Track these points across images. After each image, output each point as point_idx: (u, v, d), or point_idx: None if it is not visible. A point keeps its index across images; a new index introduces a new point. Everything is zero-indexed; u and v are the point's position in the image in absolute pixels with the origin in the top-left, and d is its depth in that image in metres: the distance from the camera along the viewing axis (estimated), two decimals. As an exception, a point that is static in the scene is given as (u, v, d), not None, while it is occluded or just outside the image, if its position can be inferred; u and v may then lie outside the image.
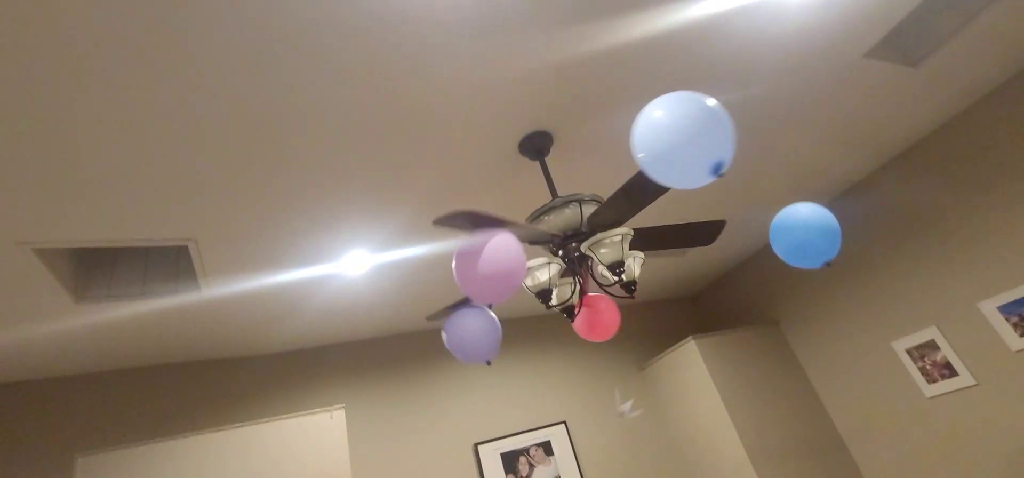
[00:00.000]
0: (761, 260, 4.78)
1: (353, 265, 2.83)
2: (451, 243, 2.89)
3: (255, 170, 1.99)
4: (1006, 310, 3.12)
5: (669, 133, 1.18)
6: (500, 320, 4.45)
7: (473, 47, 1.78)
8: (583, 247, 1.98)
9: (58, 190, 1.81)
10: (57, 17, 1.31)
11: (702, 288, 5.46)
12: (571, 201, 1.97)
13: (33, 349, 2.67)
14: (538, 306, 4.36)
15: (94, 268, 2.44)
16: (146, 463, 2.58)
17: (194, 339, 3.08)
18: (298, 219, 2.33)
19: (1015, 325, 3.08)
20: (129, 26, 1.38)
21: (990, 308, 3.20)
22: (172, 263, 2.61)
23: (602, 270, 2.14)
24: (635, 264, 2.14)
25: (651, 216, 3.36)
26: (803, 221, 1.76)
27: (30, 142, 1.61)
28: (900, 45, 2.64)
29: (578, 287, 2.15)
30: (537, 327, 4.54)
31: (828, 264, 1.67)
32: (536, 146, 2.29)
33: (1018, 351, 3.08)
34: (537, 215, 1.99)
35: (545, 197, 2.78)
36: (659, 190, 1.69)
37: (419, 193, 2.43)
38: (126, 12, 1.35)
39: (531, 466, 3.80)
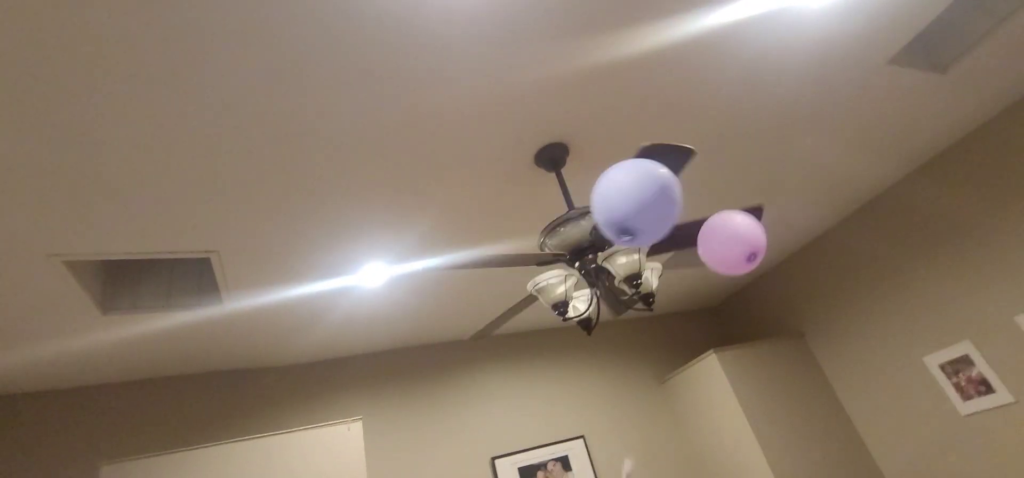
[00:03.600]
0: (786, 269, 4.68)
1: (371, 277, 2.84)
2: (467, 255, 2.89)
3: (275, 183, 2.02)
4: (1045, 324, 3.00)
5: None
6: (518, 332, 4.43)
7: (491, 60, 1.79)
8: (600, 259, 1.96)
9: (87, 204, 1.86)
10: (86, 34, 1.35)
11: (724, 299, 5.36)
12: (587, 212, 1.95)
13: (60, 359, 2.73)
14: (555, 318, 4.32)
15: (120, 281, 2.50)
16: (168, 473, 2.61)
17: (216, 351, 3.13)
18: (317, 231, 2.36)
19: (1055, 340, 2.96)
20: (156, 42, 1.42)
21: (1028, 322, 3.07)
22: (195, 277, 2.65)
23: (619, 283, 2.11)
24: (652, 276, 2.11)
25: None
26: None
27: (61, 157, 1.66)
28: (927, 51, 2.57)
29: (597, 300, 2.13)
30: (555, 340, 4.51)
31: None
32: (552, 157, 2.28)
33: (1059, 367, 2.96)
34: (553, 226, 1.98)
35: (561, 209, 2.77)
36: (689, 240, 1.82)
37: (436, 205, 2.43)
38: (153, 28, 1.38)
39: (549, 481, 3.76)
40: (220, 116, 1.68)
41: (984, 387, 3.29)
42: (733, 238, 1.70)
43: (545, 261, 2.06)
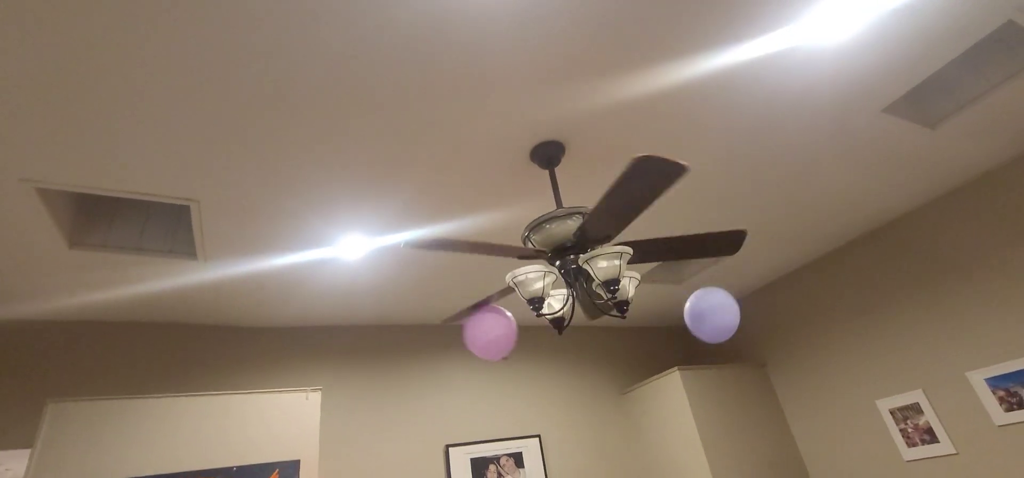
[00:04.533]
0: (756, 300, 4.79)
1: (350, 249, 2.82)
2: (445, 216, 2.89)
3: (266, 142, 1.99)
4: (994, 383, 3.12)
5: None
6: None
7: (502, 52, 1.79)
8: (581, 261, 1.98)
9: (67, 133, 1.81)
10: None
11: (693, 321, 5.44)
12: (574, 213, 1.97)
13: (18, 289, 2.65)
14: (524, 316, 4.34)
15: (93, 216, 2.43)
16: (120, 418, 2.55)
17: (182, 302, 3.07)
18: (301, 197, 2.33)
19: (1001, 399, 3.09)
20: (156, -23, 1.39)
21: (978, 379, 3.20)
22: (171, 225, 2.60)
23: (596, 287, 2.14)
24: (630, 284, 2.13)
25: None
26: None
27: (46, 79, 1.61)
28: (920, 105, 2.65)
29: (572, 300, 2.15)
30: (522, 338, 4.53)
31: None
32: (547, 155, 2.29)
33: (1002, 426, 3.08)
34: (539, 223, 1.99)
35: (549, 205, 2.78)
36: (645, 197, 1.72)
37: (422, 179, 2.42)
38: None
39: (500, 476, 3.78)
40: (218, 64, 1.65)
41: (929, 436, 3.42)
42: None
43: (526, 256, 2.07)
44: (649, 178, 1.62)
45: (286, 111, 1.88)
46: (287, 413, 2.90)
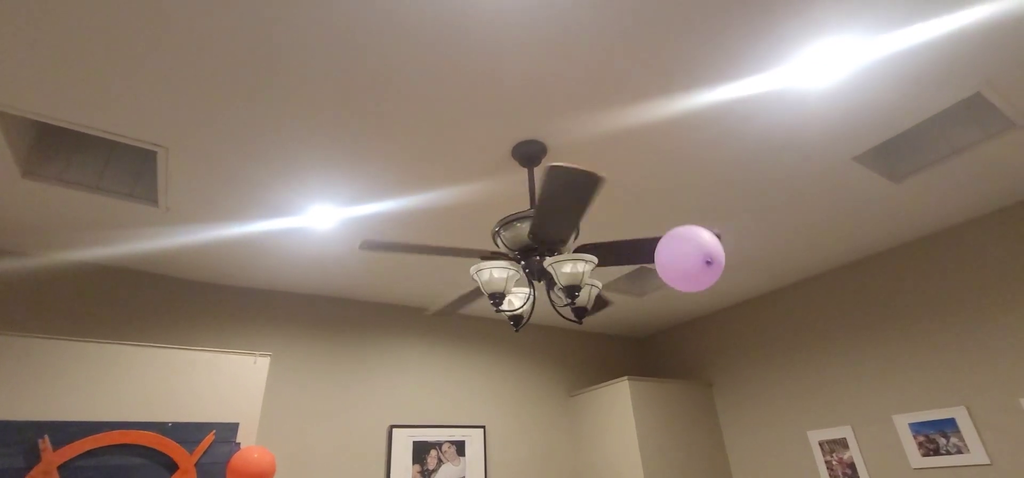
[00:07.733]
0: (709, 322, 4.94)
1: (319, 219, 2.79)
2: (420, 199, 2.89)
3: (241, 101, 1.95)
4: (916, 428, 3.32)
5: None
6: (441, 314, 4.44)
7: (495, 42, 1.80)
8: (545, 263, 2.02)
9: (36, 58, 1.74)
10: None
11: (649, 333, 5.59)
12: (545, 216, 2.00)
13: (-36, 211, 2.53)
14: (478, 308, 4.37)
15: (52, 148, 2.34)
16: (55, 359, 2.46)
17: (135, 247, 2.98)
18: (273, 158, 2.29)
19: (920, 444, 3.28)
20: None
21: (903, 422, 3.39)
22: (134, 168, 2.52)
23: (558, 290, 2.18)
24: (590, 293, 2.19)
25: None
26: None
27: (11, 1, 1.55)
28: (888, 159, 2.79)
29: (532, 299, 2.19)
30: (477, 328, 4.56)
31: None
32: (529, 153, 2.31)
33: (917, 469, 3.28)
34: (510, 220, 2.02)
35: (525, 203, 2.81)
36: (574, 205, 1.73)
37: (397, 156, 2.41)
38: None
39: (440, 461, 3.81)
40: (205, 14, 1.62)
41: (851, 471, 3.60)
42: (689, 243, 1.66)
43: (488, 258, 2.09)
44: (569, 187, 1.63)
45: (267, 75, 1.85)
46: (232, 375, 2.86)
